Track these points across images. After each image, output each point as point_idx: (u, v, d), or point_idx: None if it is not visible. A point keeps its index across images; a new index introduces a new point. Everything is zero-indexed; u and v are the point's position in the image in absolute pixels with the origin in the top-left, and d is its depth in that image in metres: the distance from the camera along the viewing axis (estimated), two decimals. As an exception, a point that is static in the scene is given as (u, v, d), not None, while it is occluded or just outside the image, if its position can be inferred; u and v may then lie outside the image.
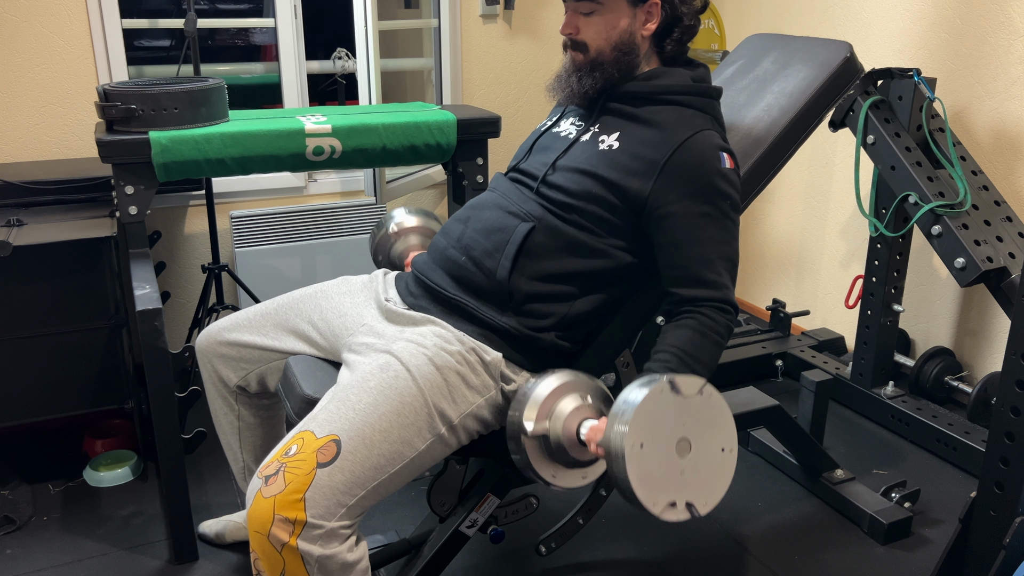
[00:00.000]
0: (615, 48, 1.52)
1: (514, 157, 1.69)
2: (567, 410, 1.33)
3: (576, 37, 1.55)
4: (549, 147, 1.61)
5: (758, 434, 2.44)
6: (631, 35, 1.52)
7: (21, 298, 2.07)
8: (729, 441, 1.24)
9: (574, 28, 1.55)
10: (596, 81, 1.55)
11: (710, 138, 1.47)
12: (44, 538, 2.06)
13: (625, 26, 1.51)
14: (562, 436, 1.32)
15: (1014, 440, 1.52)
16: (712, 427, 1.22)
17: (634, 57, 1.54)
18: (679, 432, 1.20)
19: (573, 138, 1.57)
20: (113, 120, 1.95)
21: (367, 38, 2.51)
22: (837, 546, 2.05)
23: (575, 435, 1.32)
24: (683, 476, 1.20)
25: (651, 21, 1.52)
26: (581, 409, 1.33)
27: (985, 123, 2.50)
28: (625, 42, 1.52)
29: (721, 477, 1.24)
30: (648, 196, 1.46)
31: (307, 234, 3.00)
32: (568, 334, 1.54)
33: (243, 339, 1.68)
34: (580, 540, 2.05)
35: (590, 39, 1.53)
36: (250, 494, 1.30)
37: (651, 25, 1.52)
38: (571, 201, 1.50)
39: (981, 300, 2.60)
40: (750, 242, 3.52)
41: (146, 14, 3.48)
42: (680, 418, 1.19)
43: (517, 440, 1.34)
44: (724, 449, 1.23)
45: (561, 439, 1.32)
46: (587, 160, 1.51)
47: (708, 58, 3.23)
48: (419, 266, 1.62)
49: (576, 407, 1.33)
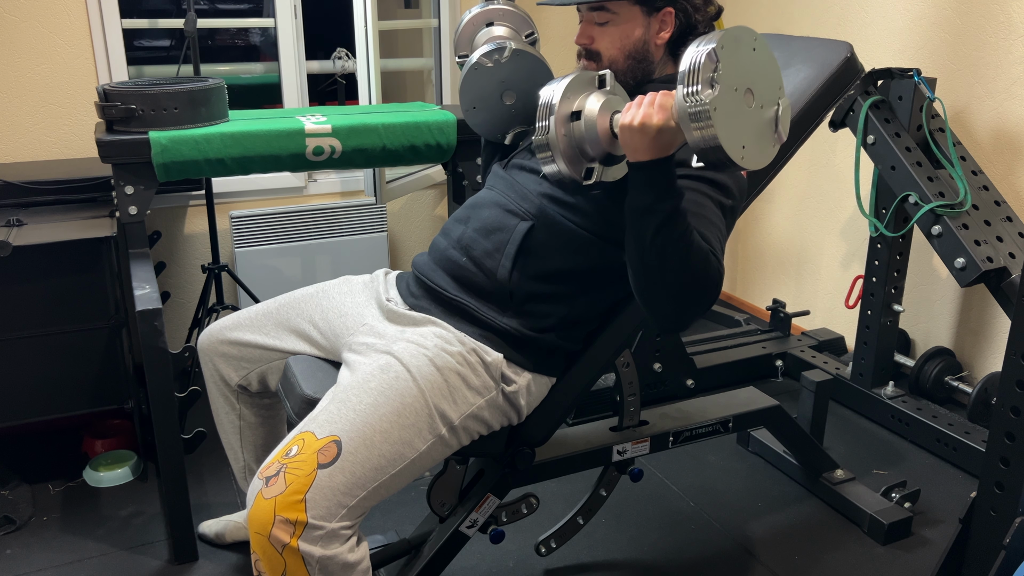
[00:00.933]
0: (629, 57, 1.52)
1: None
2: (599, 100, 1.30)
3: (591, 47, 1.55)
4: None
5: (758, 434, 2.44)
6: (645, 44, 1.52)
7: (21, 298, 2.07)
8: (780, 95, 1.23)
9: (589, 38, 1.54)
10: None
11: None
12: (44, 538, 2.06)
13: (639, 35, 1.51)
14: (596, 122, 1.28)
15: (1014, 440, 1.52)
16: (766, 79, 1.21)
17: (648, 65, 1.54)
18: (747, 82, 1.18)
19: None
20: (113, 120, 1.95)
21: (367, 38, 2.51)
22: (837, 546, 2.05)
23: (608, 124, 1.28)
24: (745, 126, 1.18)
25: (665, 30, 1.52)
26: (611, 102, 1.30)
27: (985, 123, 2.50)
28: (639, 51, 1.52)
29: (765, 148, 1.22)
30: None
31: (307, 234, 3.00)
32: (569, 334, 1.54)
33: (245, 338, 1.69)
34: (580, 540, 2.05)
35: (604, 48, 1.53)
36: (251, 495, 1.30)
37: (665, 34, 1.52)
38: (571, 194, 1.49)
39: (981, 300, 2.60)
40: (750, 242, 3.52)
41: (146, 14, 3.48)
42: (751, 69, 1.18)
43: (549, 107, 1.29)
44: (780, 106, 1.23)
45: (590, 121, 1.29)
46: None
47: (708, 58, 3.23)
48: (420, 266, 1.62)
49: (606, 100, 1.30)
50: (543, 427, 1.60)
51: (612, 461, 1.86)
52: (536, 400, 1.55)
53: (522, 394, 1.51)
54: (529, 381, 1.52)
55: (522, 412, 1.53)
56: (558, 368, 1.57)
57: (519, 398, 1.50)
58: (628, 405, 1.87)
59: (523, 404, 1.52)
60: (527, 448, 1.62)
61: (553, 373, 1.56)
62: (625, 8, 1.49)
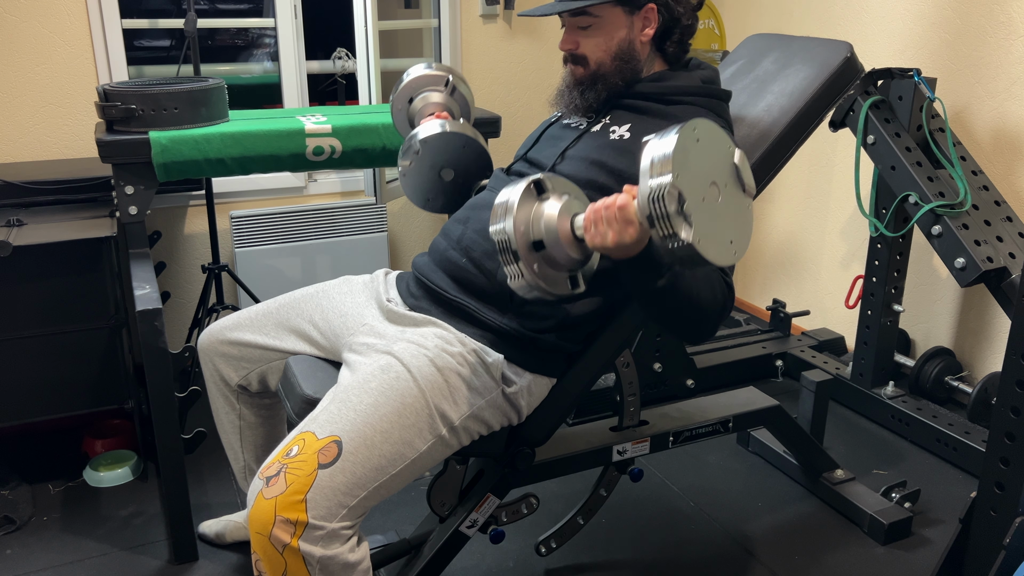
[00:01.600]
0: (615, 58, 1.52)
1: (521, 147, 1.69)
2: (552, 211, 1.23)
3: (576, 52, 1.55)
4: (559, 137, 1.61)
5: (758, 434, 2.44)
6: (630, 43, 1.52)
7: (21, 298, 2.07)
8: (731, 150, 1.18)
9: (574, 43, 1.54)
10: (599, 93, 1.55)
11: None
12: (44, 538, 2.06)
13: (624, 35, 1.51)
14: (558, 237, 1.23)
15: (1014, 440, 1.52)
16: (718, 154, 1.15)
17: (636, 64, 1.54)
18: (707, 180, 1.13)
19: (583, 129, 1.57)
20: (113, 120, 1.95)
21: (367, 38, 2.51)
22: (837, 546, 2.05)
23: (570, 232, 1.23)
24: (724, 218, 1.15)
25: (649, 26, 1.52)
26: (567, 205, 1.25)
27: (985, 123, 2.50)
28: (625, 51, 1.52)
29: (746, 217, 1.19)
30: None
31: (307, 234, 3.00)
32: (569, 335, 1.54)
33: (244, 338, 1.69)
34: (580, 540, 2.05)
35: (590, 52, 1.53)
36: (251, 495, 1.30)
37: (649, 31, 1.52)
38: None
39: (981, 300, 2.60)
40: (750, 242, 3.51)
41: (146, 14, 3.48)
42: (705, 161, 1.12)
43: (511, 254, 1.23)
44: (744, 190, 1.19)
45: (553, 241, 1.23)
46: (597, 150, 1.51)
47: (708, 58, 3.23)
48: (420, 267, 1.62)
49: (561, 205, 1.24)
50: (543, 427, 1.60)
51: (612, 461, 1.86)
52: (536, 400, 1.55)
53: (522, 395, 1.51)
54: (530, 382, 1.52)
55: (522, 412, 1.53)
56: (558, 368, 1.57)
57: (519, 399, 1.50)
58: (628, 405, 1.87)
59: (523, 404, 1.52)
60: (527, 448, 1.62)
61: (553, 374, 1.56)
62: (607, 10, 1.49)
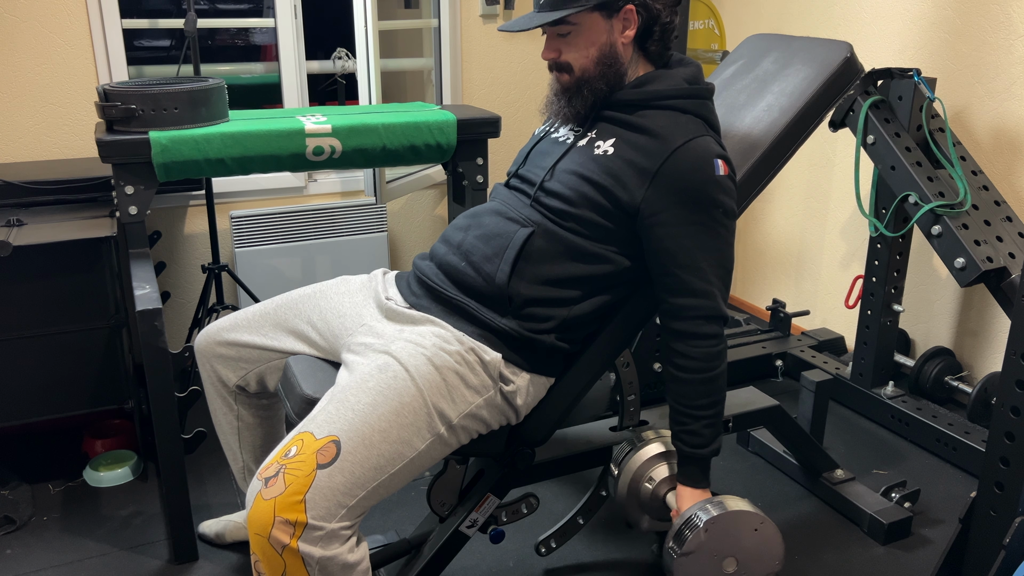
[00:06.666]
0: (599, 63, 1.51)
1: (513, 163, 1.69)
2: (661, 475, 1.67)
3: (559, 60, 1.54)
4: (548, 152, 1.61)
5: (758, 434, 2.44)
6: (612, 46, 1.51)
7: (21, 298, 2.07)
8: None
9: (556, 51, 1.54)
10: (586, 100, 1.54)
11: (704, 145, 1.46)
12: (44, 538, 2.06)
13: (605, 39, 1.50)
14: (651, 495, 1.67)
15: (1014, 440, 1.52)
16: (760, 556, 1.54)
17: (620, 66, 1.53)
18: (729, 552, 1.51)
19: (570, 143, 1.57)
20: (113, 120, 1.95)
21: (367, 38, 2.51)
22: (837, 546, 2.05)
23: (662, 499, 1.66)
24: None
25: (629, 28, 1.51)
26: (668, 479, 1.66)
27: (985, 123, 2.50)
28: (607, 55, 1.51)
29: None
30: (640, 204, 1.46)
31: (307, 234, 3.00)
32: (568, 336, 1.54)
33: (242, 339, 1.69)
34: (580, 540, 2.05)
35: (573, 59, 1.52)
36: (250, 496, 1.30)
37: (629, 32, 1.51)
38: (568, 208, 1.50)
39: (981, 300, 2.60)
40: (750, 242, 3.52)
41: (146, 14, 3.48)
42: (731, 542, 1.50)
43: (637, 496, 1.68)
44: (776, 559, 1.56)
45: (650, 497, 1.67)
46: (582, 165, 1.51)
47: (708, 58, 3.23)
48: (420, 267, 1.62)
49: (665, 476, 1.66)
50: (543, 427, 1.60)
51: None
52: (534, 400, 1.55)
53: (520, 394, 1.51)
54: (527, 381, 1.52)
55: (520, 412, 1.53)
56: (556, 368, 1.57)
57: (517, 398, 1.51)
58: (628, 405, 1.87)
59: (520, 404, 1.52)
60: (527, 448, 1.62)
61: (551, 373, 1.56)
62: (585, 17, 1.49)
